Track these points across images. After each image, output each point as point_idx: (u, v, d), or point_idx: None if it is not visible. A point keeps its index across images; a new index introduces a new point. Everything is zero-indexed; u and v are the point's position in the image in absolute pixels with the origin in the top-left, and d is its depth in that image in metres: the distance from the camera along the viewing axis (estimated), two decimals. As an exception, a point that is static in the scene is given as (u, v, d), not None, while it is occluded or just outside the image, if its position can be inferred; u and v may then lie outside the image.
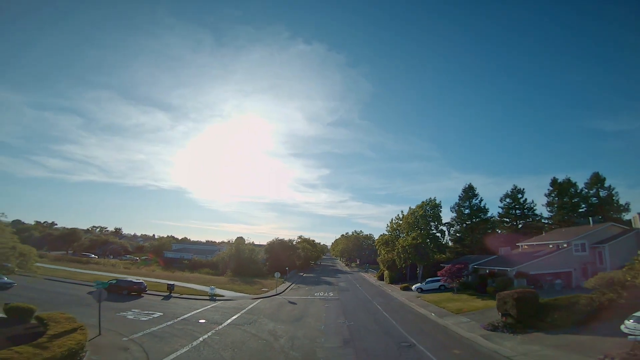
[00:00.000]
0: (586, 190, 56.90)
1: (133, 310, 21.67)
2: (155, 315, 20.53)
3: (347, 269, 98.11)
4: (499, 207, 56.99)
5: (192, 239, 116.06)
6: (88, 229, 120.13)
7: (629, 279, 13.33)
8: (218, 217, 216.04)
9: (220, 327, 18.49)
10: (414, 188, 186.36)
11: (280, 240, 68.65)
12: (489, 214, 55.91)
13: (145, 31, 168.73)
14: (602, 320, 17.06)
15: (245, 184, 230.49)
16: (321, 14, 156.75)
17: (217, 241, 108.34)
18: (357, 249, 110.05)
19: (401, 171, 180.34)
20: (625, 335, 14.45)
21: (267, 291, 35.73)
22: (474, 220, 55.25)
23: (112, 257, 67.78)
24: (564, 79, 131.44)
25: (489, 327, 18.96)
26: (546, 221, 55.73)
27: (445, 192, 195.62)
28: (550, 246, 32.25)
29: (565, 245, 30.14)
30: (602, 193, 55.74)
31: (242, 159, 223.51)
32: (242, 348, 14.49)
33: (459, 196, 56.33)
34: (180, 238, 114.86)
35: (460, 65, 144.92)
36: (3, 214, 18.92)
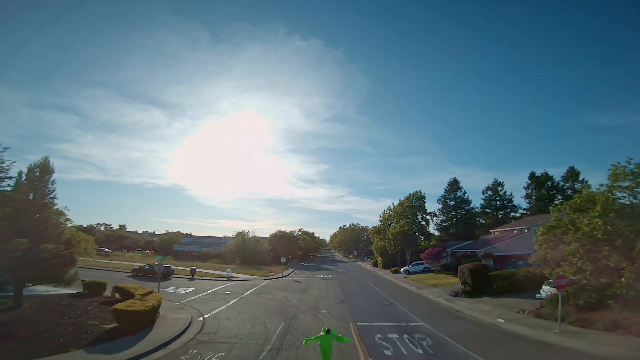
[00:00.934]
0: (562, 183, 62.73)
1: (171, 286, 26.96)
2: (190, 290, 25.86)
3: (345, 259, 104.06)
4: (482, 199, 62.72)
5: (193, 235, 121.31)
6: (93, 226, 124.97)
7: (537, 248, 18.66)
8: (217, 214, 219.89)
9: (243, 295, 23.88)
10: (413, 183, 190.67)
11: (283, 232, 74.21)
12: (472, 205, 61.71)
13: (141, 29, 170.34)
14: (533, 287, 22.50)
15: (243, 180, 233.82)
16: (318, 10, 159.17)
17: (221, 236, 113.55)
18: (354, 240, 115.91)
19: (400, 166, 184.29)
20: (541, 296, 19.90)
21: (274, 274, 41.23)
22: (458, 211, 60.96)
23: (126, 251, 72.99)
24: (561, 75, 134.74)
25: (452, 294, 24.48)
26: (524, 212, 61.52)
27: (443, 186, 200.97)
28: (515, 231, 37.81)
29: (526, 230, 35.67)
30: (577, 185, 61.45)
31: (239, 155, 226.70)
32: (264, 305, 19.85)
33: (445, 189, 61.91)
34: (185, 233, 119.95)
35: (457, 60, 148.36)
36: (66, 207, 22.66)
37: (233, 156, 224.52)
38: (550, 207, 18.11)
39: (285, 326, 14.62)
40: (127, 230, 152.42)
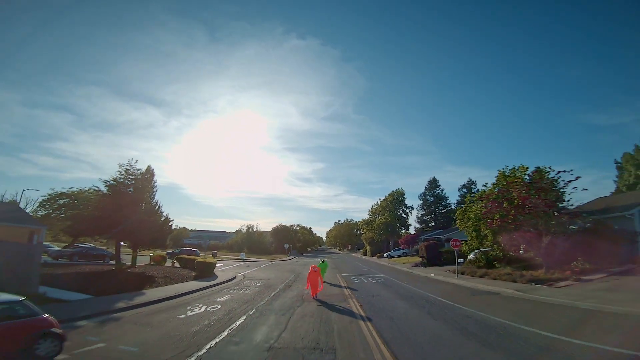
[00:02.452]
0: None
1: (205, 263, 35.73)
2: (220, 264, 34.51)
3: (339, 252, 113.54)
4: (458, 195, 71.97)
5: (200, 230, 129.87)
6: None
7: (460, 230, 27.62)
8: (214, 213, 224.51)
9: (261, 266, 32.74)
10: (410, 181, 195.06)
11: (283, 225, 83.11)
12: (449, 201, 70.99)
13: (138, 27, 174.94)
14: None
15: (241, 178, 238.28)
16: (315, 9, 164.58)
17: (227, 231, 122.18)
18: (349, 235, 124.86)
19: (397, 165, 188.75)
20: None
21: (280, 258, 50.16)
22: (437, 206, 70.24)
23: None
24: (560, 75, 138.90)
25: (414, 264, 33.53)
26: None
27: (439, 184, 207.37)
28: (473, 222, 46.99)
29: (480, 220, 44.85)
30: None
31: (236, 153, 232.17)
32: (279, 270, 28.72)
33: (425, 187, 70.91)
34: (190, 229, 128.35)
35: (456, 60, 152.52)
36: None
37: (230, 155, 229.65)
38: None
39: (294, 276, 23.54)
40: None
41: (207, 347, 6.89)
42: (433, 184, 70.45)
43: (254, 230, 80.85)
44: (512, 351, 6.73)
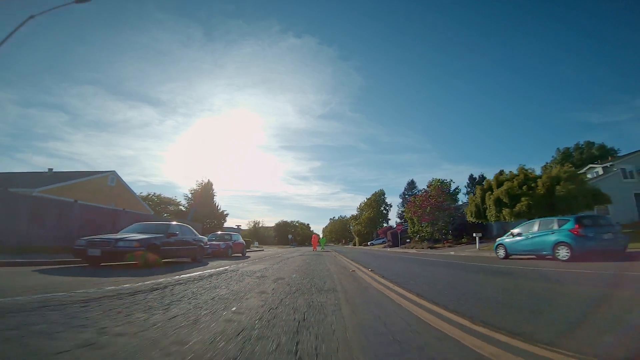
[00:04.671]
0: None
1: (233, 247, 49.19)
2: (244, 248, 48.04)
3: (333, 245, 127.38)
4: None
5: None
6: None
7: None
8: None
9: (274, 249, 46.21)
10: (406, 179, 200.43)
11: (285, 221, 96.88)
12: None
13: (133, 26, 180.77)
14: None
15: (237, 177, 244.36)
16: (312, 8, 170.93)
17: (234, 226, 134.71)
18: (342, 230, 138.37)
19: (393, 163, 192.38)
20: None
21: (284, 247, 63.65)
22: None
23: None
24: (556, 73, 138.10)
25: (383, 247, 47.26)
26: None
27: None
28: (434, 216, 60.76)
29: (439, 215, 58.67)
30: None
31: (233, 152, 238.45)
32: (287, 251, 42.21)
33: (405, 187, 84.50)
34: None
35: (451, 57, 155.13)
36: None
37: (227, 154, 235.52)
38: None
39: (299, 252, 37.10)
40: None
41: (280, 255, 20.44)
42: (411, 185, 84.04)
43: (260, 225, 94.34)
44: (395, 259, 20.41)
